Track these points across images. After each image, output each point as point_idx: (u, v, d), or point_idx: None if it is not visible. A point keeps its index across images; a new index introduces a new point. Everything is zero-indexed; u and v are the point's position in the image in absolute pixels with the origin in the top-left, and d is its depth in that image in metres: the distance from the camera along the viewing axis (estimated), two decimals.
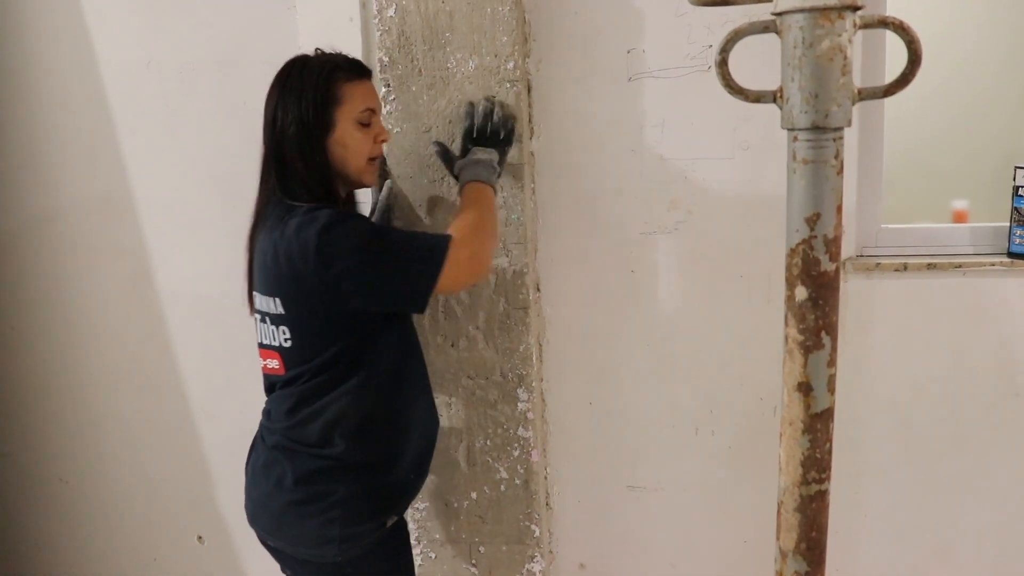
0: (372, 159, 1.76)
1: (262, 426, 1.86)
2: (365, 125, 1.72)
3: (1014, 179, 2.13)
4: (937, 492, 2.28)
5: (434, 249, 1.65)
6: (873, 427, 2.26)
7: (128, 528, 2.69)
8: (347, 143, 1.70)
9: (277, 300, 1.67)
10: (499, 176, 1.89)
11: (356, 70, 1.73)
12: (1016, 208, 2.13)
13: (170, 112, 2.35)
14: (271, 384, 1.81)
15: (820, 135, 1.04)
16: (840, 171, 1.07)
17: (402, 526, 1.90)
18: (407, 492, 1.88)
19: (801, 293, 1.07)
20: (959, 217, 3.45)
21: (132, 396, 2.58)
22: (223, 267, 1.58)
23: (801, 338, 1.08)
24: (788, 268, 1.09)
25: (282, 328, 1.70)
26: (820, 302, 1.07)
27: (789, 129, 1.07)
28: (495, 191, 1.85)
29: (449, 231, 1.70)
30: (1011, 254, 2.15)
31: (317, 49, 1.78)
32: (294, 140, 1.67)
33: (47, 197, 2.48)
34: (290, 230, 1.62)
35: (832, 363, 1.10)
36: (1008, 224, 2.16)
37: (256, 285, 1.75)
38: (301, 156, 1.68)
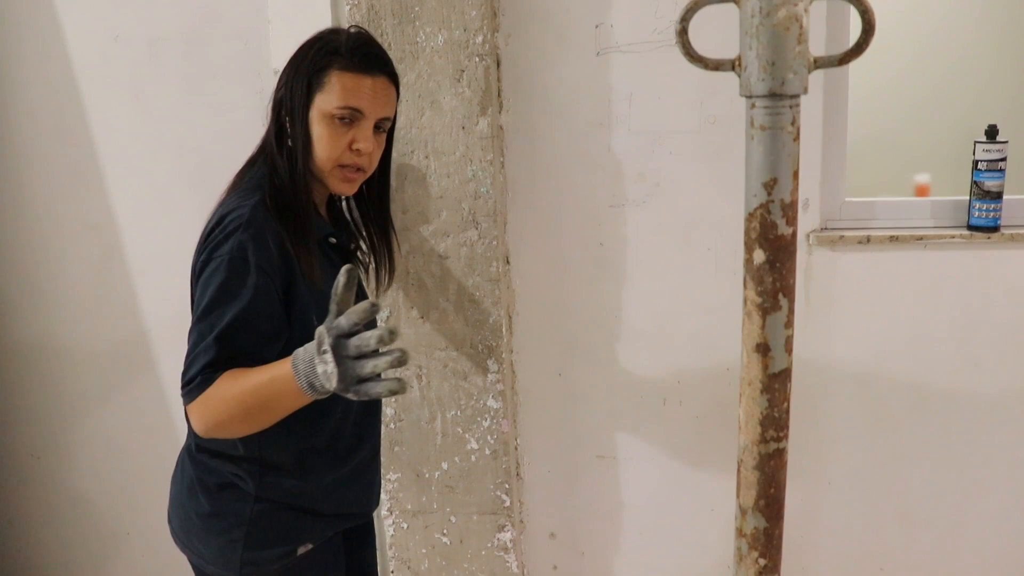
0: (342, 166, 1.57)
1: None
2: (344, 123, 1.55)
3: (974, 154, 2.17)
4: (898, 459, 2.34)
5: (193, 377, 1.41)
6: (836, 396, 2.31)
7: (100, 503, 2.70)
8: (313, 135, 1.55)
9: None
10: (313, 390, 1.35)
11: (357, 62, 1.54)
12: (975, 182, 2.17)
13: (139, 87, 2.34)
14: None
15: (777, 102, 1.07)
16: (796, 137, 1.09)
17: (322, 551, 1.68)
18: (331, 520, 1.69)
19: (759, 256, 1.10)
20: (921, 191, 3.51)
21: (102, 372, 2.58)
22: (193, 242, 1.57)
23: (759, 300, 1.11)
24: (746, 232, 1.11)
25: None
26: (777, 265, 1.10)
27: (747, 96, 1.09)
28: (293, 393, 1.37)
29: (207, 390, 1.39)
30: (971, 227, 2.20)
31: (353, 27, 1.63)
32: (277, 109, 1.59)
33: (15, 173, 2.47)
34: (218, 218, 1.50)
35: (789, 324, 1.13)
36: (968, 198, 2.21)
37: None
38: (276, 128, 1.59)
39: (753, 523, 1.21)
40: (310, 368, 1.32)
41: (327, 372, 1.30)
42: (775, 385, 1.15)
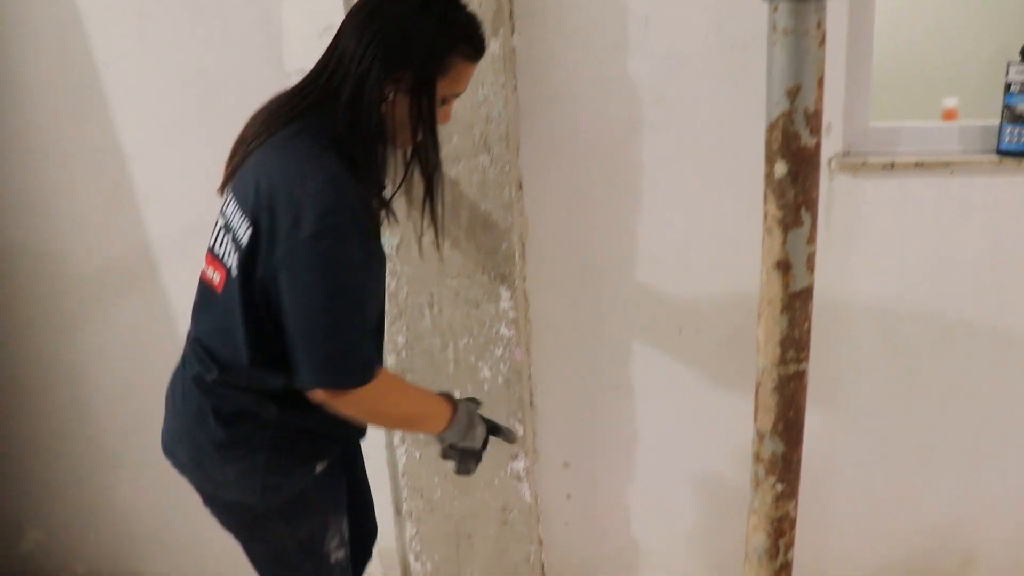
0: None
1: (187, 349, 1.67)
2: (443, 103, 1.60)
3: (1007, 75, 2.09)
4: (918, 391, 2.30)
5: (358, 369, 1.49)
6: (857, 327, 2.26)
7: (108, 435, 2.71)
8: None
9: (248, 229, 1.49)
10: (449, 447, 1.75)
11: (477, 52, 1.59)
12: (1007, 105, 2.09)
13: (142, 8, 2.27)
14: (204, 297, 1.63)
15: (802, 2, 1.01)
16: (822, 43, 1.04)
17: (334, 467, 1.73)
18: (340, 440, 1.73)
19: (780, 169, 1.05)
20: (949, 115, 3.41)
21: (110, 301, 2.57)
22: (201, 171, 1.52)
23: (780, 215, 1.06)
24: (768, 143, 1.06)
25: (236, 254, 1.51)
26: (800, 177, 1.05)
27: None
28: (441, 426, 1.68)
29: (385, 378, 1.54)
30: (1001, 152, 2.12)
31: None
32: (382, 70, 1.50)
33: (17, 97, 2.42)
34: (299, 175, 1.44)
35: (812, 240, 1.08)
36: (999, 122, 2.13)
37: (236, 189, 1.55)
38: (379, 88, 1.50)
39: (771, 447, 1.18)
40: (464, 428, 1.70)
41: (473, 438, 1.73)
42: (796, 304, 1.11)
